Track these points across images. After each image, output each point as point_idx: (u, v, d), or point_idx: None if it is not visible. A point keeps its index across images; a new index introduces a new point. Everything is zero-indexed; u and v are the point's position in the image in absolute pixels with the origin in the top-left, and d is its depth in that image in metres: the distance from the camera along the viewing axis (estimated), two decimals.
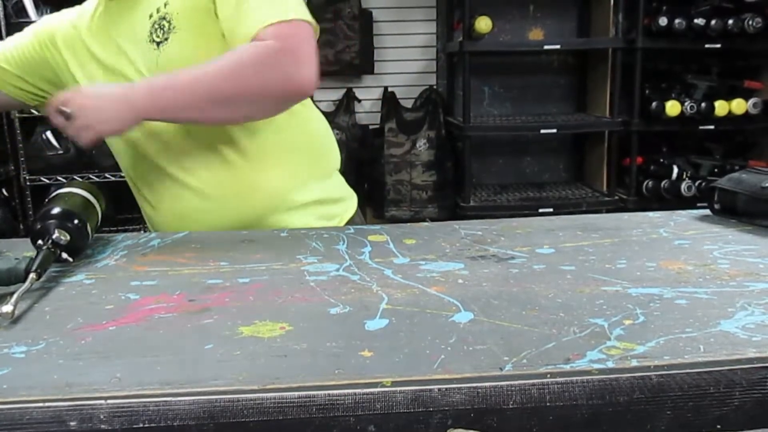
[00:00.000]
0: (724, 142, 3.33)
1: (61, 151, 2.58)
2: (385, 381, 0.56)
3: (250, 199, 1.12)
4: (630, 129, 3.14)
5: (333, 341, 0.64)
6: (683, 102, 3.05)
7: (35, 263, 0.80)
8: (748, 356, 0.59)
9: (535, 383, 0.56)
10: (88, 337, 0.66)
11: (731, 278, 0.79)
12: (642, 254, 0.90)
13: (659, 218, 1.10)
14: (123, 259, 0.94)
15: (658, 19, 2.96)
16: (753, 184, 1.04)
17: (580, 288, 0.77)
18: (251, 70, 0.98)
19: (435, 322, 0.68)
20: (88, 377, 0.57)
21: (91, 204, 0.97)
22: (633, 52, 3.05)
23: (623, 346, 0.61)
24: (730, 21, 2.96)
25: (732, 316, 0.68)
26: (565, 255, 0.89)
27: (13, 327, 0.70)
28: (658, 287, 0.77)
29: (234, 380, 0.56)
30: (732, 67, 3.26)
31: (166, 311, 0.73)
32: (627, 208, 3.14)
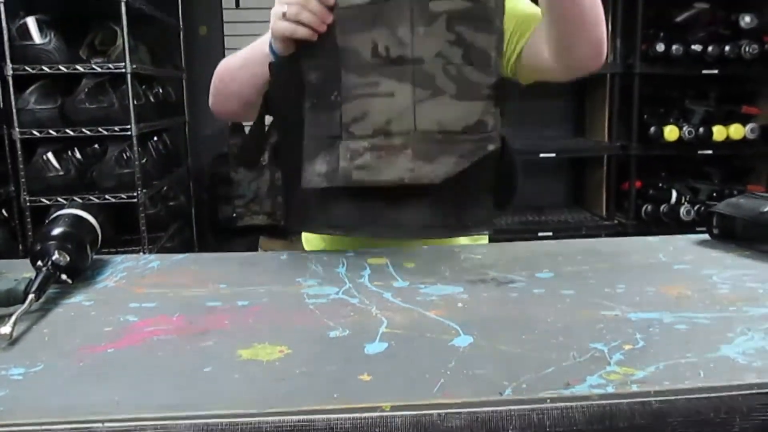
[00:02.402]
0: (722, 166, 3.34)
1: (61, 172, 2.59)
2: (384, 405, 0.56)
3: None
4: (629, 153, 3.15)
5: (332, 365, 0.64)
6: (681, 127, 3.07)
7: (34, 284, 0.80)
8: (748, 382, 0.59)
9: (535, 408, 0.56)
10: (87, 359, 0.66)
11: (731, 303, 0.79)
12: (641, 279, 0.90)
13: (658, 243, 1.10)
14: (122, 281, 0.93)
15: (656, 45, 2.99)
16: (751, 209, 1.05)
17: (579, 312, 0.77)
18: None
19: (434, 346, 0.68)
20: (86, 400, 0.57)
21: (91, 225, 0.97)
22: (631, 77, 3.08)
23: (623, 371, 0.61)
24: (726, 47, 2.99)
25: (732, 341, 0.68)
26: (564, 279, 0.89)
27: (11, 348, 0.69)
28: (657, 312, 0.77)
29: (232, 404, 0.56)
30: (729, 93, 3.28)
31: (165, 333, 0.73)
32: (626, 232, 3.14)
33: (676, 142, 3.08)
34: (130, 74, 2.55)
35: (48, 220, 0.96)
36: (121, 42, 2.59)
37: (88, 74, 2.57)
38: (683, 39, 3.02)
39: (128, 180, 2.60)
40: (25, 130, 2.51)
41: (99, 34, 2.75)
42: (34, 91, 2.54)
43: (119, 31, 2.58)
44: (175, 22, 3.44)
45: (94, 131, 2.55)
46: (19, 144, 2.52)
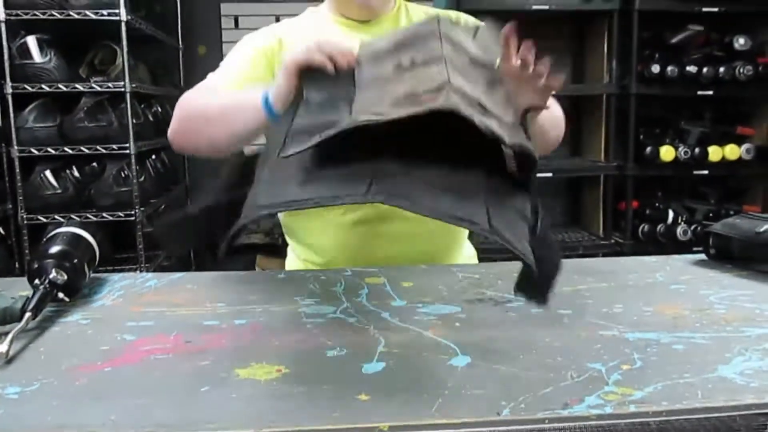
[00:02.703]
0: (718, 187, 3.36)
1: (59, 190, 2.59)
2: (382, 426, 0.55)
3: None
4: (625, 173, 3.17)
5: (330, 384, 0.64)
6: (677, 147, 3.09)
7: (31, 303, 0.80)
8: (746, 402, 0.59)
9: (533, 429, 0.56)
10: (83, 378, 0.66)
11: (728, 323, 0.79)
12: (639, 298, 0.90)
13: (655, 262, 1.11)
14: (119, 300, 0.93)
15: (651, 66, 3.02)
16: (747, 230, 1.05)
17: (577, 332, 0.77)
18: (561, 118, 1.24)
19: (432, 365, 0.68)
20: (82, 419, 0.57)
21: (89, 244, 0.97)
22: (627, 98, 3.10)
23: (621, 392, 0.61)
24: (721, 69, 3.02)
25: (729, 361, 0.68)
26: (562, 299, 0.89)
27: (8, 367, 0.69)
28: (655, 332, 0.77)
29: (230, 423, 0.56)
30: (724, 114, 3.30)
31: (162, 352, 0.73)
32: (623, 252, 3.14)
33: (672, 163, 3.09)
34: (130, 93, 2.57)
35: (45, 238, 0.96)
36: (120, 61, 2.60)
37: (88, 93, 2.59)
38: (678, 60, 3.04)
39: (126, 198, 2.60)
40: (24, 148, 2.51)
41: (99, 53, 2.76)
42: (34, 110, 2.55)
43: (119, 51, 2.60)
44: (174, 42, 3.47)
45: (93, 149, 2.56)
46: (17, 162, 2.52)
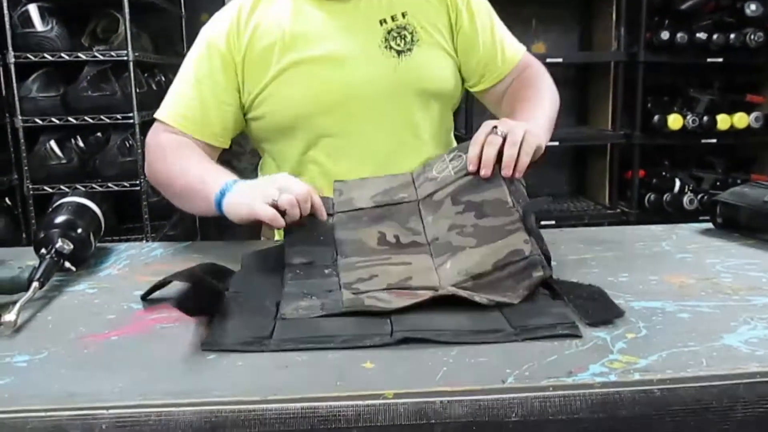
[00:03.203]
0: (726, 155, 3.33)
1: (64, 160, 2.59)
2: (387, 393, 0.56)
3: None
4: (632, 142, 3.14)
5: (335, 353, 0.64)
6: (685, 115, 3.05)
7: (38, 272, 0.80)
8: (750, 371, 0.59)
9: (537, 396, 0.56)
10: (91, 346, 0.67)
11: (734, 292, 0.79)
12: (644, 268, 0.90)
13: (662, 231, 1.10)
14: (126, 269, 0.94)
15: (660, 33, 2.97)
16: (755, 198, 1.04)
17: None
18: (557, 96, 1.18)
19: None
20: (90, 387, 0.57)
21: (94, 213, 0.97)
22: (635, 66, 3.06)
23: (626, 360, 0.61)
24: (731, 35, 2.97)
25: (734, 330, 0.68)
26: (567, 268, 0.89)
27: (16, 336, 0.70)
28: (660, 301, 0.77)
29: (236, 391, 0.56)
30: (734, 82, 3.26)
31: (168, 321, 0.73)
32: (629, 222, 3.13)
33: (679, 131, 3.06)
34: (133, 62, 2.54)
35: (51, 208, 0.96)
36: (123, 30, 2.57)
37: (90, 62, 2.56)
38: (688, 27, 2.99)
39: (131, 168, 2.60)
40: (28, 119, 2.50)
41: (101, 21, 2.73)
42: (37, 79, 2.53)
43: (121, 19, 2.57)
44: (177, 10, 3.43)
45: (97, 119, 2.54)
46: (21, 132, 2.51)
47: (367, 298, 0.76)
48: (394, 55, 1.11)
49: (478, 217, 0.86)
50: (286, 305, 0.75)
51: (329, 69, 1.10)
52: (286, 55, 1.10)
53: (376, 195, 0.97)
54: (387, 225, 0.92)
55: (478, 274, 0.79)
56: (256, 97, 1.12)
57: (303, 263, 0.86)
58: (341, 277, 0.82)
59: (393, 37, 1.11)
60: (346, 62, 1.10)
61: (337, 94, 1.11)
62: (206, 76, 1.11)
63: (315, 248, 0.89)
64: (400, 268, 0.84)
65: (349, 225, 0.93)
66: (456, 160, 0.95)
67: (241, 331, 0.68)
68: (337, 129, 1.12)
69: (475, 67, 1.19)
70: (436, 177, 0.95)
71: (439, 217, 0.90)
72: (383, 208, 0.94)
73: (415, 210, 0.93)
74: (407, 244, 0.89)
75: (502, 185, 0.88)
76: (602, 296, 0.75)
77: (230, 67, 1.11)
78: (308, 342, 0.66)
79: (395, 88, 1.12)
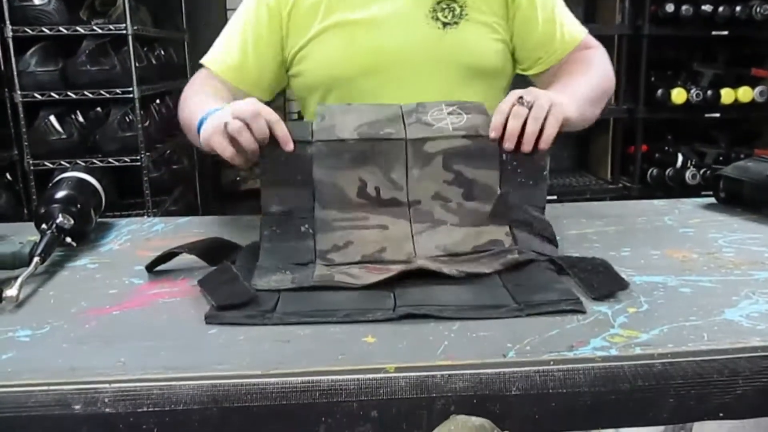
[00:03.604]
0: (729, 130, 3.31)
1: (64, 135, 2.57)
2: (388, 367, 0.56)
3: None
4: (635, 117, 3.12)
5: (336, 327, 0.64)
6: (689, 90, 3.03)
7: (39, 247, 0.80)
8: (751, 345, 0.59)
9: (539, 370, 0.56)
10: (92, 321, 0.67)
11: (736, 267, 0.79)
12: (646, 242, 0.90)
13: (664, 206, 1.10)
14: (127, 244, 0.94)
15: (665, 6, 2.93)
16: (758, 173, 1.04)
17: None
18: (609, 72, 1.14)
19: None
20: (92, 361, 0.58)
21: (95, 189, 0.97)
22: (639, 39, 3.03)
23: (627, 334, 0.61)
24: (737, 8, 2.93)
25: (736, 304, 0.68)
26: (569, 242, 0.89)
27: (18, 311, 0.70)
28: (662, 275, 0.76)
29: (237, 365, 0.57)
30: (739, 55, 3.22)
31: (169, 296, 0.73)
32: (631, 196, 3.12)
33: (683, 106, 3.04)
34: (132, 36, 2.52)
35: (51, 183, 0.96)
36: (121, 2, 2.55)
37: (89, 36, 2.54)
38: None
39: (131, 143, 2.59)
40: (27, 93, 2.48)
41: None
42: (35, 53, 2.51)
43: None
44: None
45: (96, 94, 2.53)
46: (21, 107, 2.50)
47: (337, 273, 0.76)
48: (440, 27, 1.09)
49: (465, 197, 0.86)
50: (258, 278, 0.75)
51: (369, 32, 1.09)
52: (330, 16, 1.10)
53: (361, 126, 0.88)
54: (369, 170, 0.85)
55: (455, 252, 0.80)
56: (297, 53, 1.12)
57: (280, 212, 0.84)
58: (317, 242, 0.82)
59: (441, 8, 1.09)
60: (387, 27, 1.09)
61: (373, 57, 1.10)
62: (252, 27, 1.13)
63: (291, 191, 0.85)
64: (376, 233, 0.82)
65: (328, 161, 0.85)
66: (455, 115, 0.90)
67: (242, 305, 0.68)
68: (371, 93, 1.11)
69: (532, 48, 1.15)
70: (431, 123, 0.89)
71: (425, 176, 0.86)
72: (367, 143, 0.86)
73: (401, 153, 0.86)
74: (387, 201, 0.85)
75: (496, 167, 0.86)
76: (607, 269, 0.75)
77: (276, 21, 1.12)
78: (311, 316, 0.66)
79: (436, 60, 1.10)
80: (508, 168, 0.87)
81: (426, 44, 1.09)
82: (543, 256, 0.79)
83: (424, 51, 1.09)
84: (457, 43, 1.09)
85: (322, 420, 0.55)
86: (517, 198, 0.86)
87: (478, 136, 0.87)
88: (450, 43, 1.09)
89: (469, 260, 0.79)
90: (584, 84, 1.05)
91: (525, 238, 0.82)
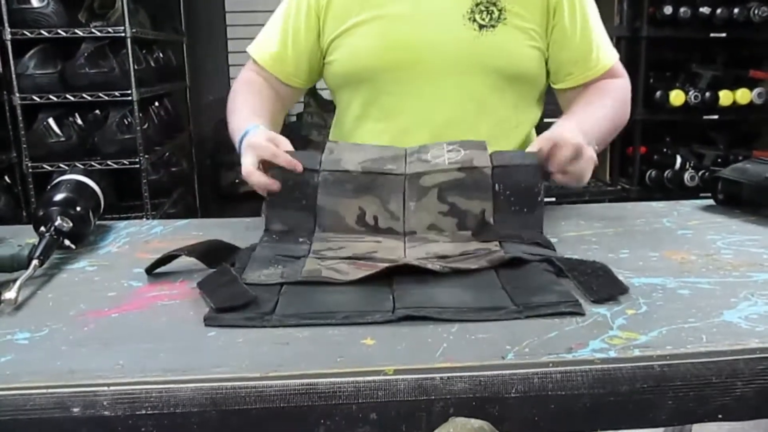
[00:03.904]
0: (728, 132, 3.31)
1: (63, 138, 2.57)
2: (387, 369, 0.56)
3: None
4: (633, 118, 3.11)
5: (335, 329, 0.64)
6: (687, 91, 3.03)
7: (38, 250, 0.80)
8: (750, 346, 0.59)
9: (537, 372, 0.56)
10: (91, 324, 0.67)
11: (734, 268, 0.79)
12: (645, 244, 0.90)
13: (662, 208, 1.10)
14: (125, 246, 0.94)
15: (663, 8, 2.94)
16: (757, 174, 1.04)
17: None
18: (627, 108, 1.15)
19: None
20: (90, 364, 0.58)
21: (93, 191, 0.97)
22: (637, 41, 3.03)
23: (626, 336, 0.61)
24: (735, 10, 2.94)
25: (735, 306, 0.68)
26: (567, 244, 0.89)
27: (17, 314, 0.70)
28: (660, 277, 0.76)
29: (236, 368, 0.56)
30: (737, 57, 3.23)
31: (168, 298, 0.73)
32: (630, 198, 3.13)
33: (681, 107, 3.05)
34: (130, 38, 2.52)
35: (50, 186, 0.96)
36: (120, 5, 2.55)
37: (88, 38, 2.54)
38: (691, 1, 2.96)
39: (130, 146, 2.59)
40: (25, 96, 2.48)
41: None
42: (34, 56, 2.51)
43: None
44: None
45: (95, 96, 2.53)
46: (19, 110, 2.50)
47: (325, 269, 0.78)
48: (476, 28, 1.08)
49: (459, 227, 0.90)
50: (250, 271, 0.77)
51: (402, 27, 1.10)
52: (367, 8, 1.11)
53: (366, 161, 0.94)
54: (369, 200, 0.91)
55: (443, 255, 0.82)
56: (332, 42, 1.14)
57: (281, 231, 0.90)
58: (312, 245, 0.87)
59: (480, 10, 1.09)
60: (421, 24, 1.09)
61: (403, 53, 1.10)
62: (291, 17, 1.15)
63: (295, 213, 0.92)
64: (370, 245, 0.87)
65: (332, 190, 0.92)
66: (454, 152, 0.94)
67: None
68: (399, 88, 1.11)
69: (566, 62, 1.14)
70: (429, 160, 0.94)
71: (421, 208, 0.91)
72: (369, 175, 0.92)
73: (400, 187, 0.92)
74: (384, 230, 0.91)
75: (489, 198, 0.90)
76: (606, 272, 0.75)
77: (313, 10, 1.14)
78: (310, 318, 0.66)
79: (467, 61, 1.09)
80: (501, 198, 0.90)
81: (459, 44, 1.08)
82: (534, 256, 0.80)
83: (455, 51, 1.09)
84: (492, 46, 1.08)
85: (321, 422, 0.55)
86: (511, 226, 0.89)
87: (472, 168, 0.91)
88: (484, 45, 1.08)
89: (456, 260, 0.81)
90: (604, 120, 1.08)
91: (515, 247, 0.84)
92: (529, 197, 0.90)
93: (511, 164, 0.92)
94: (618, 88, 1.15)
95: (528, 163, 0.92)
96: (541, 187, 0.91)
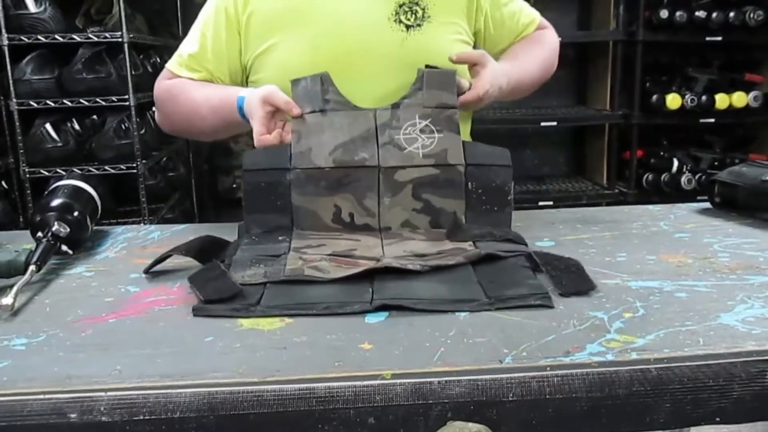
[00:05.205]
0: (724, 135, 3.32)
1: (60, 143, 2.57)
2: (384, 373, 0.56)
3: None
4: (630, 122, 3.13)
5: (333, 334, 0.64)
6: (684, 95, 3.04)
7: (35, 255, 0.80)
8: (747, 349, 0.59)
9: (535, 376, 0.56)
10: (88, 329, 0.67)
11: (731, 271, 0.79)
12: (642, 247, 0.90)
13: (659, 211, 1.10)
14: (123, 252, 0.93)
15: (659, 12, 2.95)
16: (753, 177, 1.04)
17: None
18: (555, 54, 1.26)
19: (435, 314, 0.68)
20: (88, 369, 0.58)
21: (91, 196, 0.97)
22: (634, 45, 3.04)
23: (623, 339, 0.61)
24: (731, 14, 2.95)
25: (732, 309, 0.68)
26: (565, 248, 0.89)
27: (14, 319, 0.70)
28: (658, 280, 0.77)
29: (234, 372, 0.56)
30: (733, 60, 3.24)
31: (166, 303, 0.73)
32: (627, 201, 3.13)
33: (678, 111, 3.05)
34: (128, 44, 2.52)
35: (47, 191, 0.96)
36: (117, 10, 2.55)
37: (85, 44, 2.54)
38: (687, 5, 2.97)
39: (127, 151, 2.58)
40: (23, 101, 2.48)
41: (95, 2, 2.70)
42: (31, 62, 2.51)
43: (115, 0, 2.54)
44: None
45: (92, 102, 2.53)
46: (16, 115, 2.50)
47: (307, 268, 0.79)
48: (403, 29, 1.09)
49: (433, 225, 0.94)
50: (234, 273, 0.78)
51: (330, 39, 1.09)
52: (289, 25, 1.10)
53: (336, 149, 0.93)
54: (344, 197, 0.93)
55: (421, 254, 0.84)
56: (255, 60, 1.12)
57: (261, 232, 0.92)
58: (292, 242, 0.88)
59: (404, 11, 1.10)
60: (349, 33, 1.09)
61: (334, 63, 1.08)
62: (211, 31, 1.12)
63: (272, 216, 0.93)
64: (349, 242, 0.89)
65: (306, 189, 0.92)
66: (427, 134, 0.94)
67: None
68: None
69: (498, 37, 1.21)
70: (402, 147, 0.94)
71: (396, 204, 0.93)
72: (342, 170, 0.92)
73: (374, 181, 0.93)
74: (360, 226, 0.93)
75: (462, 196, 0.93)
76: (579, 269, 0.77)
77: (233, 26, 1.12)
78: (292, 309, 0.69)
79: (399, 63, 1.09)
80: (473, 196, 0.94)
81: (389, 47, 1.09)
82: (508, 253, 0.83)
83: (387, 54, 1.09)
84: (420, 45, 1.09)
85: (318, 427, 0.55)
86: (482, 223, 0.92)
87: (447, 165, 0.93)
88: (413, 45, 1.09)
89: (434, 258, 0.83)
90: (534, 63, 1.20)
91: (489, 245, 0.86)
92: (500, 196, 0.94)
93: (484, 164, 0.95)
94: (542, 36, 1.26)
95: (500, 164, 0.95)
96: (511, 186, 0.95)
